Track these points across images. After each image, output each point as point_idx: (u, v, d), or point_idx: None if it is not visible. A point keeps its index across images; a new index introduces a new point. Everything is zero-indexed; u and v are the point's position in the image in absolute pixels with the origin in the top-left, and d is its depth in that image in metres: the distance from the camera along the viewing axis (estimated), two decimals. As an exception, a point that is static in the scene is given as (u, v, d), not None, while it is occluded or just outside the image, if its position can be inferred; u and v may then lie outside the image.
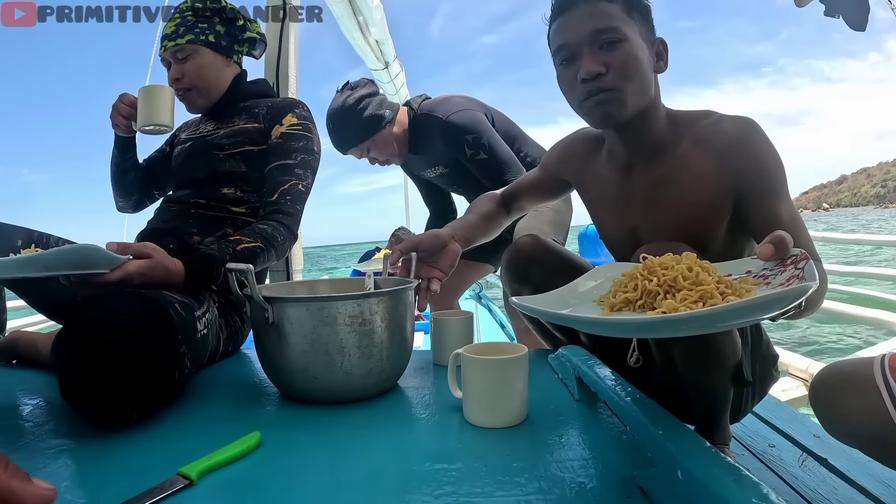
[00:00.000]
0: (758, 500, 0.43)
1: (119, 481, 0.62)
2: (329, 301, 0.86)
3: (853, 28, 1.94)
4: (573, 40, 0.90)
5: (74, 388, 0.77)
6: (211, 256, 1.10)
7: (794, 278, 0.60)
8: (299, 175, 1.30)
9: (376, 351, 0.89)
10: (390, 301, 0.91)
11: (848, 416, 0.73)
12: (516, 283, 1.15)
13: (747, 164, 0.89)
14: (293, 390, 0.92)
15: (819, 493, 0.91)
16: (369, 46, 3.70)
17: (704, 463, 0.50)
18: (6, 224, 1.18)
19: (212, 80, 1.37)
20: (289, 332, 0.87)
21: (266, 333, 0.90)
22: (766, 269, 0.68)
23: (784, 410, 1.30)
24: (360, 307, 0.87)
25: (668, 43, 0.96)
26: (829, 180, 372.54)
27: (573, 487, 0.59)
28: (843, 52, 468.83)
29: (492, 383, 0.76)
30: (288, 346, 0.87)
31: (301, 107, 1.38)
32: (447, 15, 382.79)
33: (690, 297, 0.61)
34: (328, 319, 0.86)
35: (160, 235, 1.28)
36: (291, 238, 1.27)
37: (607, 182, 1.05)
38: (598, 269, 0.83)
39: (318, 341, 0.86)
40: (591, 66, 0.88)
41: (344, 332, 0.86)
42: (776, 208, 0.88)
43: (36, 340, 1.21)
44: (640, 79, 0.90)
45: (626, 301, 0.67)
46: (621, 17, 0.89)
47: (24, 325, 3.20)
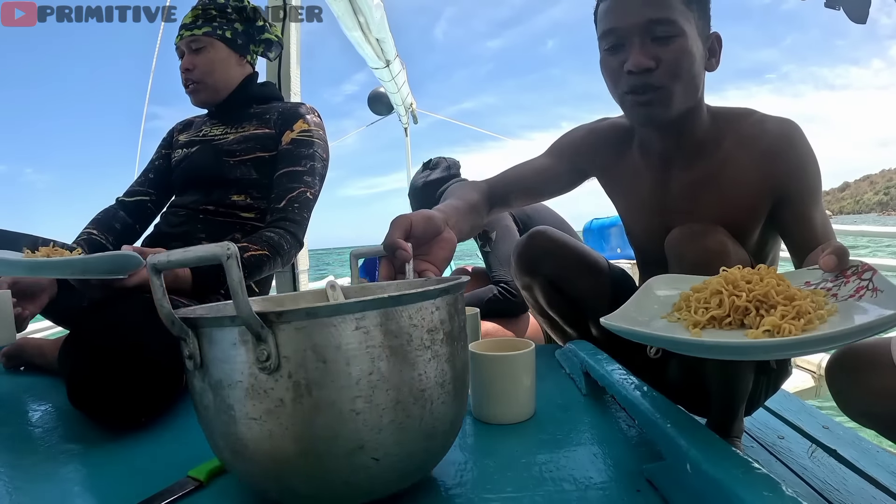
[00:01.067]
0: (768, 493, 0.42)
1: (129, 485, 0.62)
2: (336, 313, 0.46)
3: (853, 20, 1.93)
4: (624, 26, 0.83)
5: (82, 393, 0.78)
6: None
7: (864, 289, 0.59)
8: (308, 182, 1.29)
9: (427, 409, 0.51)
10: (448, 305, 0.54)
11: (865, 395, 0.73)
12: (527, 276, 1.13)
13: (790, 168, 0.87)
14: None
15: (829, 483, 0.91)
16: (370, 45, 3.70)
17: (713, 456, 0.50)
18: (11, 231, 1.18)
19: (221, 76, 1.36)
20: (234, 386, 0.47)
21: (197, 390, 0.51)
22: (826, 280, 0.66)
23: (793, 402, 1.29)
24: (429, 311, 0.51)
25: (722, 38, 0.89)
26: (832, 187, 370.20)
27: (582, 482, 0.59)
28: (846, 58, 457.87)
29: (500, 379, 0.76)
30: (236, 420, 0.47)
31: (312, 112, 1.37)
32: (451, 19, 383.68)
33: (789, 313, 0.58)
34: (348, 344, 0.46)
35: (168, 240, 1.29)
36: (297, 246, 1.26)
37: (642, 178, 1.00)
38: (653, 283, 0.76)
39: (323, 396, 0.46)
40: (641, 59, 0.82)
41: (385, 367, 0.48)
42: (811, 213, 0.87)
43: (43, 347, 1.22)
44: (690, 78, 0.85)
45: (712, 318, 0.62)
46: (680, 7, 0.82)
47: (30, 331, 3.21)
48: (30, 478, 0.67)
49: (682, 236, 0.85)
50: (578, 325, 1.16)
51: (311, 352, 0.45)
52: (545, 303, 1.14)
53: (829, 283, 0.65)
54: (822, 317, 0.57)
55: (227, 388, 0.47)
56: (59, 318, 1.25)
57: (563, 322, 1.19)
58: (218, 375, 0.48)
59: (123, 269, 0.94)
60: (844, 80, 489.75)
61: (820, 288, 0.65)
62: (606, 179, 1.09)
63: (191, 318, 0.49)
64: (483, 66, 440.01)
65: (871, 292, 0.59)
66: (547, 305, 1.14)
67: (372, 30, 3.50)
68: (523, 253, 1.12)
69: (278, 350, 0.45)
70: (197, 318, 0.48)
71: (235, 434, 0.47)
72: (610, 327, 0.62)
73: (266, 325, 0.45)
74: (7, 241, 1.16)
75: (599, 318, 0.63)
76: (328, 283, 0.72)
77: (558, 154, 1.11)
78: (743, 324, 0.61)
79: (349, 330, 0.46)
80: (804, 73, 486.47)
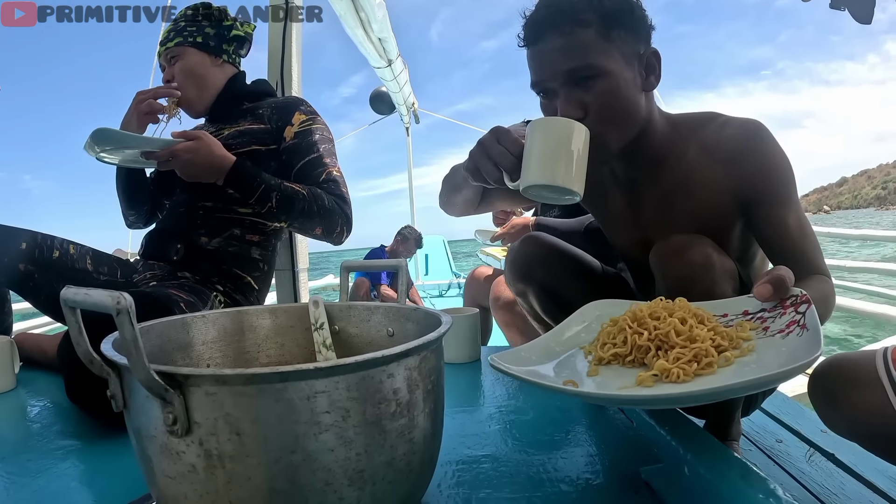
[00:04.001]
0: (765, 496, 0.42)
1: (127, 481, 0.62)
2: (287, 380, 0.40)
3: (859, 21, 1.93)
4: (546, 78, 0.83)
5: (81, 390, 0.78)
6: (260, 173, 1.19)
7: (795, 324, 0.59)
8: (328, 163, 1.32)
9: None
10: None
11: (849, 410, 0.72)
12: (521, 282, 1.13)
13: (753, 169, 0.85)
14: None
15: (827, 488, 0.91)
16: (372, 44, 3.70)
17: (711, 459, 0.50)
18: (10, 227, 1.18)
19: (198, 79, 1.37)
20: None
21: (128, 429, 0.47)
22: (765, 309, 0.66)
23: (791, 405, 1.29)
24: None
25: (661, 52, 0.86)
26: (829, 182, 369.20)
27: (580, 483, 0.59)
28: (842, 54, 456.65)
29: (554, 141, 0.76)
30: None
31: (304, 103, 1.39)
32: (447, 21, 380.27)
33: (684, 355, 0.57)
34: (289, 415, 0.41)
35: (168, 237, 1.29)
36: (343, 214, 1.28)
37: (614, 196, 1.00)
38: (586, 309, 0.78)
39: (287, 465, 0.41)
40: (568, 109, 0.81)
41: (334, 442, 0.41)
42: (783, 217, 0.85)
43: (42, 342, 1.22)
44: (623, 114, 0.83)
45: (615, 356, 0.63)
46: (597, 44, 0.80)
47: (29, 327, 3.21)
48: (27, 473, 0.67)
49: (666, 252, 0.84)
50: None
51: (222, 422, 0.39)
52: (540, 309, 1.14)
53: (766, 313, 0.65)
54: (728, 359, 0.57)
55: (145, 439, 0.43)
56: (59, 313, 1.25)
57: (553, 320, 1.18)
58: (138, 424, 0.43)
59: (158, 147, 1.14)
60: (840, 75, 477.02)
61: (756, 319, 0.65)
62: (584, 198, 1.09)
63: (111, 359, 0.43)
64: (479, 66, 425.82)
65: (799, 329, 0.58)
66: (542, 311, 1.14)
67: (374, 29, 3.50)
68: (516, 259, 1.12)
69: (188, 414, 0.39)
70: (116, 360, 0.42)
71: (155, 484, 0.44)
72: (495, 367, 0.61)
73: (173, 388, 0.39)
74: (6, 236, 1.16)
75: (489, 358, 0.62)
76: (311, 301, 0.68)
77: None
78: (644, 363, 0.61)
79: (270, 401, 0.39)
80: (799, 69, 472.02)
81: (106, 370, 0.44)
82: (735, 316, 0.68)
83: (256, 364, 0.66)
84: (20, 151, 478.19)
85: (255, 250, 1.29)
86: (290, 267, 2.19)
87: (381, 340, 0.65)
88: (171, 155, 1.13)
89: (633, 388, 0.56)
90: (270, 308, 0.68)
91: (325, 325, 0.67)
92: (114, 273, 1.26)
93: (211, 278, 1.23)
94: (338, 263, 0.80)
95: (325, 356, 0.66)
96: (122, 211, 1.48)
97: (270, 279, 1.52)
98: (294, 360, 0.67)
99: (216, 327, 0.63)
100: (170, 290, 1.08)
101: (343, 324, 0.68)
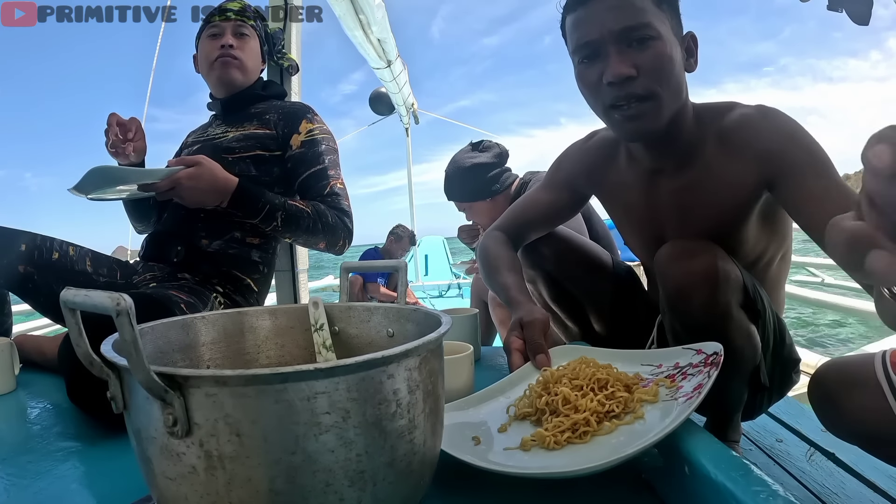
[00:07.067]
0: (766, 496, 0.42)
1: (128, 482, 0.62)
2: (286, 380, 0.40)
3: (856, 22, 1.93)
4: (597, 37, 0.79)
5: (81, 391, 0.78)
6: (264, 193, 1.19)
7: (701, 387, 0.60)
8: (332, 175, 1.33)
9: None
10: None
11: (849, 413, 0.72)
12: (532, 269, 1.14)
13: (771, 145, 0.80)
14: None
15: (827, 487, 0.91)
16: (371, 45, 3.70)
17: (712, 458, 0.50)
18: (9, 228, 1.18)
19: (253, 67, 1.42)
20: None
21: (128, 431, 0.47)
22: (692, 363, 0.68)
23: (792, 405, 1.29)
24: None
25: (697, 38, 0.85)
26: None
27: (580, 483, 0.59)
28: (844, 50, 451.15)
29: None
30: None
31: (310, 111, 1.40)
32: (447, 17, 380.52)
33: (562, 424, 0.62)
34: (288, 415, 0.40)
35: (168, 239, 1.29)
36: (345, 228, 1.29)
37: (631, 190, 0.98)
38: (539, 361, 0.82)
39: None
40: (621, 67, 0.77)
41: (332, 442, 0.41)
42: (816, 185, 0.76)
43: (42, 344, 1.22)
44: (674, 83, 0.80)
45: (525, 415, 0.69)
46: (652, 9, 0.79)
47: (29, 329, 3.21)
48: (28, 475, 0.67)
49: (669, 256, 0.82)
50: (581, 321, 1.17)
51: (223, 423, 0.39)
52: (549, 297, 1.15)
53: (689, 369, 0.67)
54: (610, 429, 0.61)
55: (145, 440, 0.43)
56: (59, 315, 1.25)
57: (566, 318, 1.19)
58: (138, 425, 0.44)
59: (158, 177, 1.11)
60: (842, 72, 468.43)
61: (676, 375, 0.68)
62: (601, 195, 1.09)
63: (111, 361, 0.43)
64: (480, 63, 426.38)
65: (697, 394, 0.60)
66: (550, 300, 1.16)
67: (374, 30, 3.50)
68: (528, 247, 1.13)
69: (188, 415, 0.40)
70: (116, 362, 0.42)
71: (156, 486, 0.44)
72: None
73: (173, 389, 0.39)
74: (5, 238, 1.16)
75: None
76: (311, 301, 0.68)
77: (558, 187, 1.11)
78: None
79: (270, 402, 0.39)
80: (802, 66, 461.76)
81: (106, 371, 0.44)
82: (656, 373, 0.71)
83: (256, 365, 0.65)
84: (20, 149, 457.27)
85: (256, 252, 1.29)
86: (289, 268, 2.19)
87: (381, 341, 0.65)
88: (173, 184, 1.10)
89: (514, 449, 0.62)
90: (270, 309, 0.68)
91: (325, 325, 0.67)
92: (113, 274, 1.26)
93: (211, 280, 1.23)
94: (337, 264, 0.80)
95: (325, 357, 0.66)
96: (130, 222, 1.48)
97: (270, 281, 1.52)
98: (294, 361, 0.67)
99: (216, 328, 0.63)
100: (170, 291, 1.08)
101: (343, 325, 0.68)
